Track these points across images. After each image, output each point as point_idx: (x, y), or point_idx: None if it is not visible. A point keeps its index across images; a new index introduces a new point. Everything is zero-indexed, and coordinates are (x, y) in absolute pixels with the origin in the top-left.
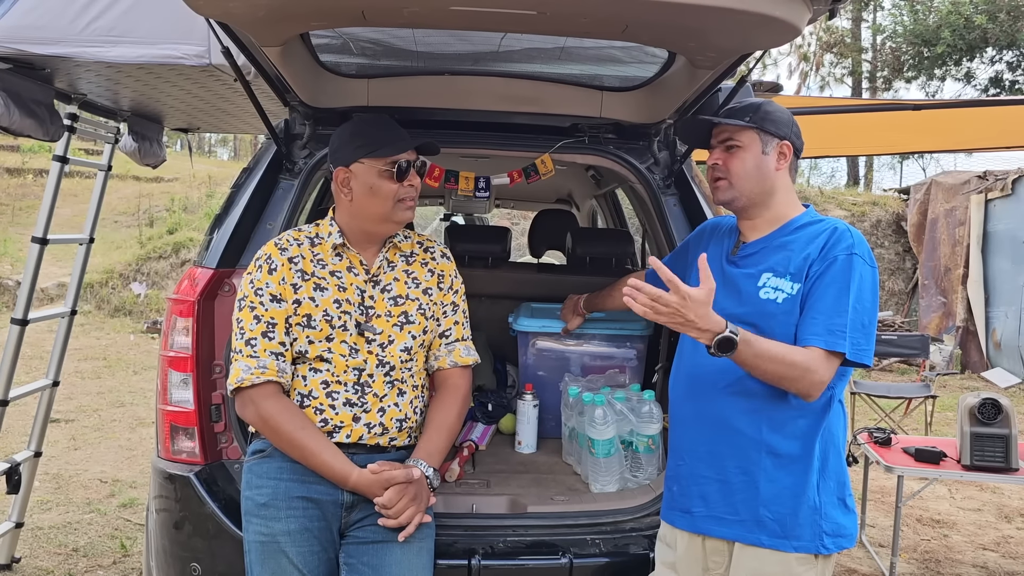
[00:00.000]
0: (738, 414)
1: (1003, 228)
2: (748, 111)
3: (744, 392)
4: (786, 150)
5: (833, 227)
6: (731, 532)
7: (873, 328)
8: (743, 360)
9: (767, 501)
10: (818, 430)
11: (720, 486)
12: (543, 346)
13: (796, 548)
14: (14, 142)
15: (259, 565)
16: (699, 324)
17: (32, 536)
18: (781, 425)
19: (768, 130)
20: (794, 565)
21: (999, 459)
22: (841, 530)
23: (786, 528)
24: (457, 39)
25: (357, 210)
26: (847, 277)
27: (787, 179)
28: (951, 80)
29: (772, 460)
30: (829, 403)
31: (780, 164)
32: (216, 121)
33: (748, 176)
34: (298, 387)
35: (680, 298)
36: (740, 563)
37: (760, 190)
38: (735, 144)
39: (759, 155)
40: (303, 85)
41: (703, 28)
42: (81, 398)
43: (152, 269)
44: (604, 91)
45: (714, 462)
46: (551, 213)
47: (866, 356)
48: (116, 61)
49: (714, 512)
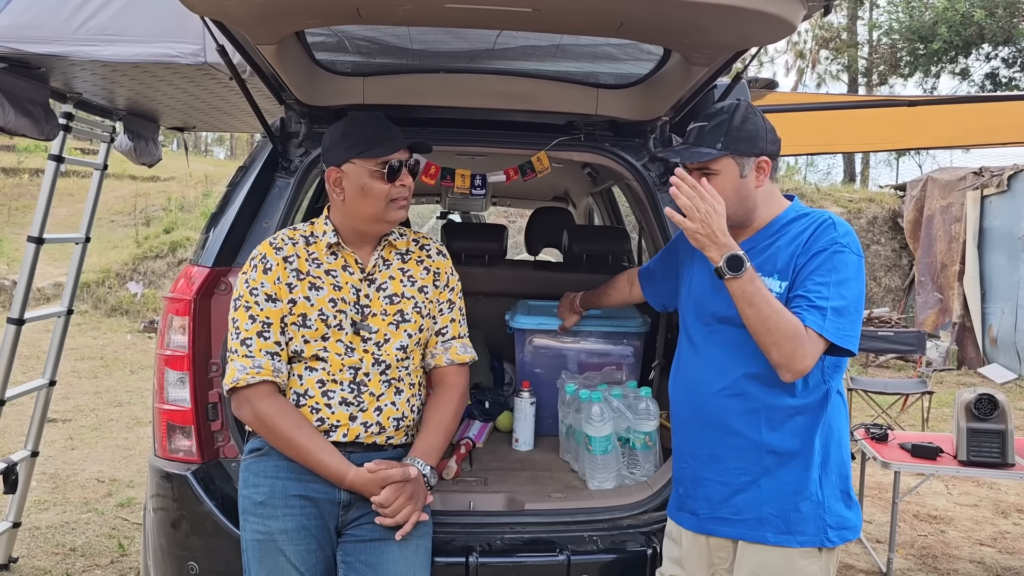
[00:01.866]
0: (736, 416)
1: (999, 224)
2: (719, 133)
3: (742, 393)
4: (764, 164)
5: (819, 220)
6: (735, 531)
7: (858, 316)
8: (743, 291)
9: (770, 499)
10: (817, 425)
11: (723, 488)
12: (540, 343)
13: (801, 543)
14: (10, 142)
15: (256, 564)
16: (719, 237)
17: (30, 536)
18: (780, 424)
19: (743, 152)
20: (797, 559)
21: (995, 455)
22: (845, 522)
23: (790, 524)
24: (452, 37)
25: (350, 210)
26: (831, 265)
27: (768, 186)
28: (947, 76)
29: (773, 459)
30: (827, 397)
31: (760, 180)
32: (212, 120)
33: (728, 201)
34: (294, 386)
35: (717, 200)
36: (744, 558)
37: (743, 210)
38: (712, 172)
39: (737, 179)
40: (299, 83)
41: (698, 24)
42: (78, 398)
43: (149, 268)
44: (600, 88)
45: (716, 465)
46: (548, 211)
47: (851, 342)
48: (111, 60)
49: (718, 513)
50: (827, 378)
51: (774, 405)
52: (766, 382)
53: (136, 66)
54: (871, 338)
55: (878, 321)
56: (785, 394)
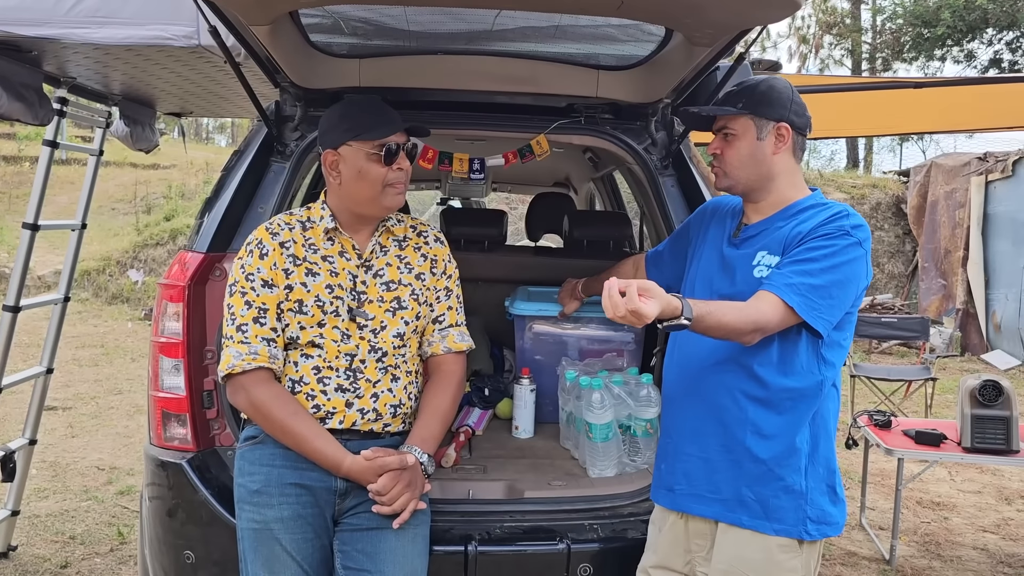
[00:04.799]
0: (724, 392)
1: (1003, 210)
2: (743, 95)
3: (732, 371)
4: (784, 132)
5: (834, 210)
6: (711, 510)
7: (839, 300)
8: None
9: (750, 481)
10: (808, 413)
11: (703, 464)
12: (540, 330)
13: (777, 531)
14: (10, 129)
15: (252, 552)
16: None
17: (29, 524)
18: (770, 405)
19: (762, 114)
20: (776, 552)
21: (999, 441)
22: (827, 517)
23: (768, 510)
24: (450, 17)
25: (346, 193)
26: (825, 245)
27: (789, 161)
28: (951, 61)
29: (757, 440)
30: (822, 387)
31: (778, 147)
32: (209, 105)
33: (743, 164)
34: (289, 373)
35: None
36: (722, 547)
37: (757, 176)
38: (730, 132)
39: (754, 142)
40: (293, 66)
41: (700, 3)
42: (78, 386)
43: (149, 256)
44: (600, 70)
45: (698, 439)
46: (548, 196)
47: (820, 321)
48: (103, 43)
49: (696, 490)
50: (820, 366)
51: (767, 386)
52: (758, 361)
53: (129, 49)
54: (874, 324)
55: (881, 307)
56: (777, 374)
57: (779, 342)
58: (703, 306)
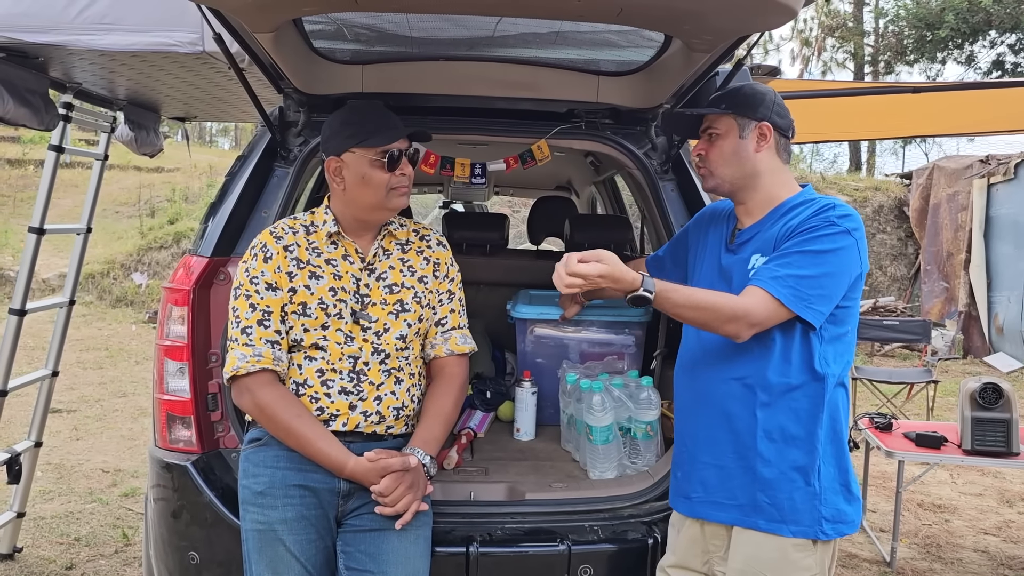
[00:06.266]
0: (734, 399)
1: (1005, 213)
2: (725, 98)
3: (741, 377)
4: (766, 131)
5: (822, 203)
6: (729, 516)
7: (830, 290)
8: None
9: (764, 486)
10: (819, 413)
11: (718, 471)
12: (541, 333)
13: (793, 532)
14: (15, 133)
15: (256, 553)
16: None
17: (34, 526)
18: (780, 409)
19: (744, 113)
20: (791, 551)
21: (1000, 443)
22: (842, 516)
23: (783, 512)
24: (451, 24)
25: (350, 199)
26: (812, 237)
27: (773, 160)
28: (953, 64)
29: (769, 445)
30: (828, 385)
31: (760, 146)
32: (213, 110)
33: (726, 162)
34: (293, 375)
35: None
36: (737, 548)
37: (741, 174)
38: (714, 132)
39: (736, 140)
40: (297, 72)
41: (698, 10)
42: (83, 388)
43: (153, 259)
44: (600, 76)
45: (712, 448)
46: (550, 200)
47: (810, 312)
48: (109, 49)
49: (713, 497)
50: (823, 363)
51: (769, 387)
52: (761, 364)
53: (135, 55)
54: (876, 327)
55: (883, 310)
56: (781, 375)
57: (780, 343)
58: (671, 285)
